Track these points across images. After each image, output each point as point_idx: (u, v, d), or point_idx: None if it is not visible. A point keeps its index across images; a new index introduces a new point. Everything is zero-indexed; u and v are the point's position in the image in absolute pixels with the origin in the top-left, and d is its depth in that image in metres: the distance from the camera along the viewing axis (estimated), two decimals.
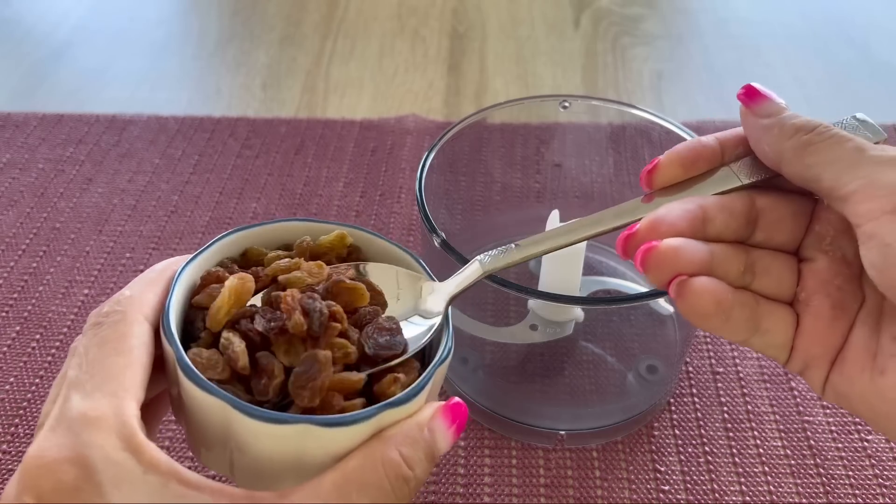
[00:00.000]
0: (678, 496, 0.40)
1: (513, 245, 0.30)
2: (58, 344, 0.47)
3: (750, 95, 0.29)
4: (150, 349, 0.26)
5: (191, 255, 0.29)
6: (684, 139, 0.42)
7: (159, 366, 0.26)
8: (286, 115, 0.67)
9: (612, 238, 0.53)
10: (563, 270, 0.43)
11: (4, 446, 0.42)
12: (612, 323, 0.47)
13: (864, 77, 0.73)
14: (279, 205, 0.57)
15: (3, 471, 0.41)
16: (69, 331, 0.48)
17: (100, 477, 0.22)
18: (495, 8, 0.85)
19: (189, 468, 0.23)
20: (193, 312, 0.28)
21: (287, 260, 0.29)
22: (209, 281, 0.28)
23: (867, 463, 0.41)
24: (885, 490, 0.40)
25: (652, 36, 0.80)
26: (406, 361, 0.27)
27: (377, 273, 0.30)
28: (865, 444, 0.42)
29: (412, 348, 0.27)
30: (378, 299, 0.29)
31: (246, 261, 0.30)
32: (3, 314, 0.49)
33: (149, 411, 0.30)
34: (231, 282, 0.27)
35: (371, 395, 0.26)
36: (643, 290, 0.48)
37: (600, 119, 0.47)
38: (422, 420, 0.25)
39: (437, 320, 0.29)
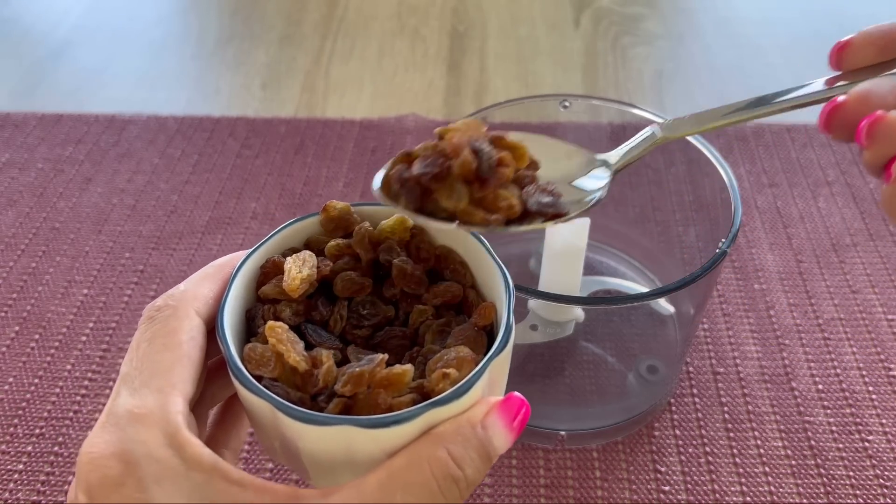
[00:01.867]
0: (679, 496, 0.40)
1: (685, 116, 0.29)
2: (57, 344, 0.47)
3: None
4: (202, 344, 0.25)
5: (251, 248, 0.28)
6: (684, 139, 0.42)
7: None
8: (286, 115, 0.67)
9: (612, 238, 0.53)
10: (563, 270, 0.43)
11: (4, 446, 0.42)
12: (613, 323, 0.47)
13: None
14: (279, 205, 0.57)
15: (3, 471, 0.41)
16: (68, 331, 0.48)
17: (142, 473, 0.22)
18: (495, 7, 0.84)
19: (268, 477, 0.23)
20: (257, 307, 0.27)
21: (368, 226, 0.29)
22: (271, 270, 0.28)
23: (868, 463, 0.41)
24: (885, 490, 0.40)
25: (652, 35, 0.80)
26: (461, 357, 0.25)
27: (537, 142, 0.29)
28: (866, 444, 0.42)
29: (572, 214, 0.26)
30: (534, 167, 0.27)
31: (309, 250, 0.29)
32: (3, 314, 0.49)
33: (230, 411, 0.30)
34: (295, 256, 0.27)
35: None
36: (643, 290, 0.48)
37: (601, 119, 0.47)
38: (474, 417, 0.24)
39: (601, 192, 0.28)
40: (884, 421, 0.43)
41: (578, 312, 0.42)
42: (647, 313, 0.46)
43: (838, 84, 0.28)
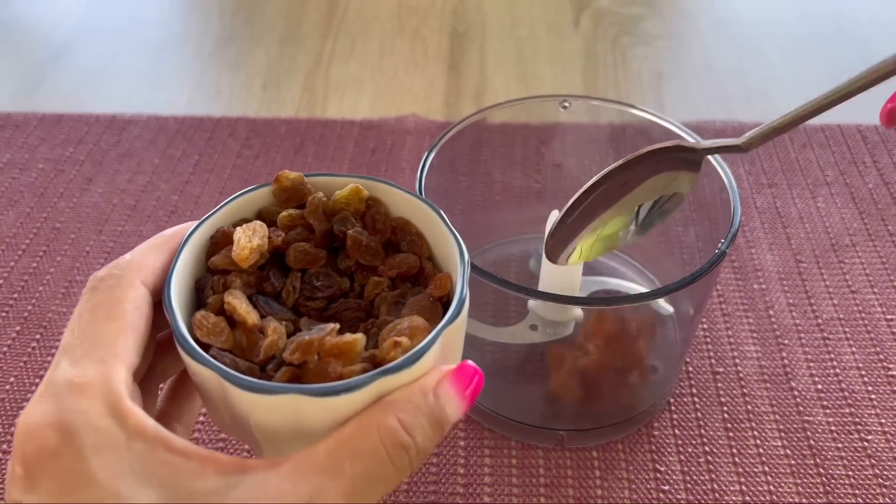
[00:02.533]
0: (678, 496, 0.40)
1: (760, 127, 0.33)
2: (58, 344, 0.47)
3: None
4: (147, 314, 0.25)
5: (201, 219, 0.27)
6: (685, 139, 0.42)
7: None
8: (286, 115, 0.67)
9: None
10: (563, 270, 0.43)
11: (4, 446, 0.42)
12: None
13: None
14: None
15: (4, 471, 0.41)
16: None
17: (81, 443, 0.21)
18: (495, 8, 0.85)
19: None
20: (206, 278, 0.27)
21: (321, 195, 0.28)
22: (221, 240, 0.27)
23: (867, 463, 0.41)
24: (885, 490, 0.40)
25: (652, 36, 0.80)
26: (414, 326, 0.25)
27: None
28: (865, 444, 0.42)
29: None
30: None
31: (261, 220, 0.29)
32: (3, 314, 0.49)
33: (183, 385, 0.29)
34: (245, 225, 0.26)
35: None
36: (643, 290, 0.48)
37: (600, 119, 0.47)
38: (426, 385, 0.24)
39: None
40: (883, 420, 0.43)
41: (578, 312, 0.42)
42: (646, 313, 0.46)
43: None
